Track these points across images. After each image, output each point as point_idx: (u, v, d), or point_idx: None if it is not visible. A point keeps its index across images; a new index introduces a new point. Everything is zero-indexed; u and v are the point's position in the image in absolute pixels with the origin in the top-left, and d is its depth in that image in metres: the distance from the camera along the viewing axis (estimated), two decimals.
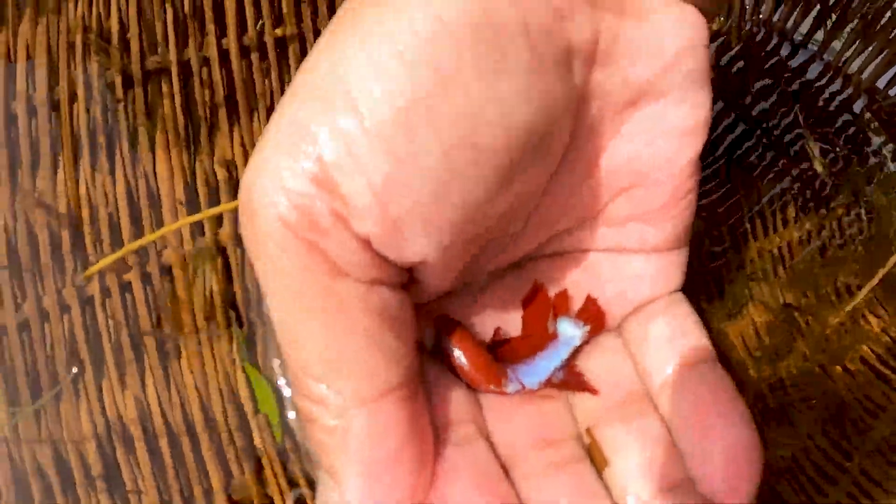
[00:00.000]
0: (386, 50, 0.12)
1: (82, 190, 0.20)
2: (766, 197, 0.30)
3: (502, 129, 0.13)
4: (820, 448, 0.25)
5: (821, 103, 0.31)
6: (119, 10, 0.23)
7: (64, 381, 0.20)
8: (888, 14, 0.29)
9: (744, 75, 0.31)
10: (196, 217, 0.21)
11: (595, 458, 0.15)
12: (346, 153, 0.12)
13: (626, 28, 0.14)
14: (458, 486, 0.14)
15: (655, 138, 0.16)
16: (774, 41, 0.30)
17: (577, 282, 0.17)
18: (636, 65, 0.15)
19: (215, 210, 0.21)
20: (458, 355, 0.16)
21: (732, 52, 0.31)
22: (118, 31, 0.22)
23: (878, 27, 0.29)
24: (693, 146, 0.16)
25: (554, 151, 0.15)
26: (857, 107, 0.31)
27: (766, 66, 0.30)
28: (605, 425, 0.15)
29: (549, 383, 0.16)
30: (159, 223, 0.21)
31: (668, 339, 0.16)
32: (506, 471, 0.15)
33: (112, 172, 0.21)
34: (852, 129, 0.31)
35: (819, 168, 0.28)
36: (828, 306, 0.29)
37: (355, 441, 0.13)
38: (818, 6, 0.29)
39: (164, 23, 0.22)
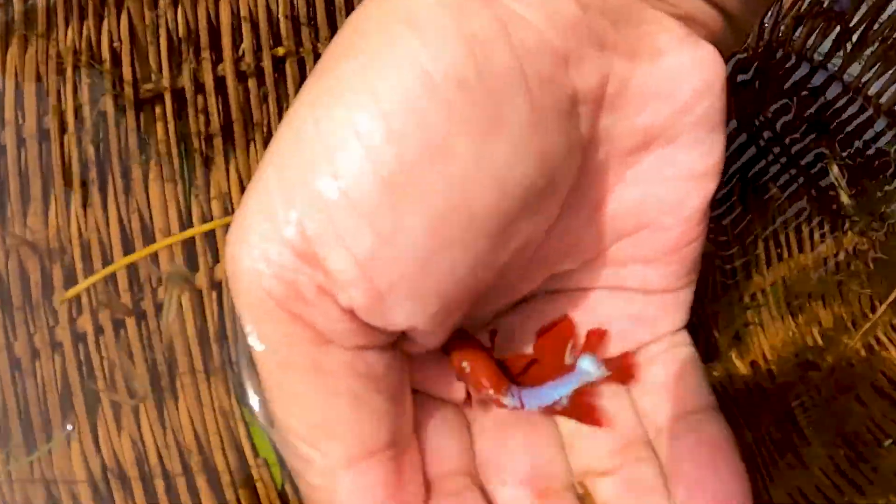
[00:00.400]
0: (369, 113, 0.11)
1: (73, 227, 0.20)
2: (780, 219, 0.29)
3: (496, 193, 0.12)
4: (833, 483, 0.25)
5: (839, 124, 0.30)
6: (110, 34, 0.22)
7: (55, 421, 0.20)
8: None
9: (760, 94, 0.30)
10: (179, 237, 0.21)
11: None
12: (328, 224, 0.11)
13: (636, 71, 0.14)
14: None
15: (664, 183, 0.15)
16: (792, 61, 0.29)
17: (575, 320, 0.17)
18: (647, 109, 0.14)
19: (194, 231, 0.21)
20: (463, 357, 0.15)
21: (749, 71, 0.30)
22: (110, 57, 0.21)
23: None
24: (703, 191, 0.15)
25: (553, 204, 0.14)
26: (878, 126, 0.30)
27: (785, 86, 0.30)
28: (600, 475, 0.15)
29: (550, 410, 0.16)
30: (154, 259, 0.20)
31: (665, 384, 0.16)
32: None
33: (105, 207, 0.20)
34: (872, 151, 0.30)
35: (844, 199, 0.28)
36: (842, 332, 0.28)
37: (341, 499, 0.13)
38: (838, 28, 0.28)
39: (158, 47, 0.22)
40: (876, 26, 0.28)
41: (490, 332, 0.17)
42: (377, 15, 0.12)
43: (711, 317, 0.27)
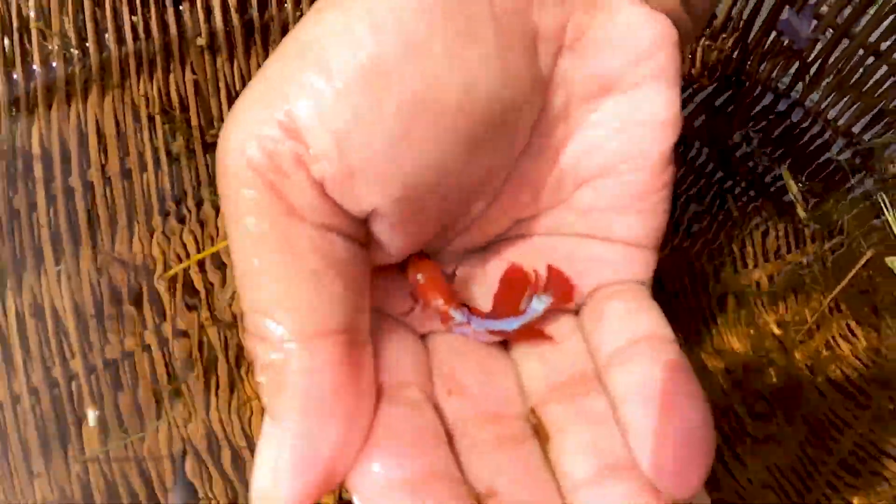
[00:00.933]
0: (360, 19, 0.13)
1: (156, 251, 0.24)
2: (748, 229, 0.33)
3: (464, 94, 0.14)
4: (798, 457, 0.29)
5: (801, 146, 0.34)
6: (177, 84, 0.26)
7: (149, 408, 0.24)
8: (861, 70, 0.32)
9: (731, 121, 0.34)
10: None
11: (540, 437, 0.15)
12: (313, 106, 0.13)
13: (594, 21, 0.15)
14: (395, 444, 0.14)
15: (623, 131, 0.16)
16: (759, 90, 0.34)
17: (539, 262, 0.17)
18: (604, 56, 0.15)
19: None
20: (418, 270, 0.16)
21: (720, 100, 0.34)
22: (178, 105, 0.26)
23: (853, 81, 0.32)
24: (663, 141, 0.16)
25: (518, 131, 0.15)
26: (837, 146, 0.34)
27: (752, 112, 0.34)
28: (551, 404, 0.15)
29: (498, 333, 0.16)
30: (226, 281, 0.25)
31: (622, 317, 0.16)
32: (451, 439, 0.15)
33: (181, 235, 0.24)
34: (831, 168, 0.34)
35: (801, 213, 0.32)
36: (803, 329, 0.33)
37: (293, 376, 0.13)
38: (798, 62, 0.32)
39: (218, 98, 0.26)
40: (831, 59, 0.32)
41: (451, 272, 0.17)
42: None
43: (686, 312, 0.31)
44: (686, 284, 0.32)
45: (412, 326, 0.17)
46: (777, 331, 0.32)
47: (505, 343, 0.17)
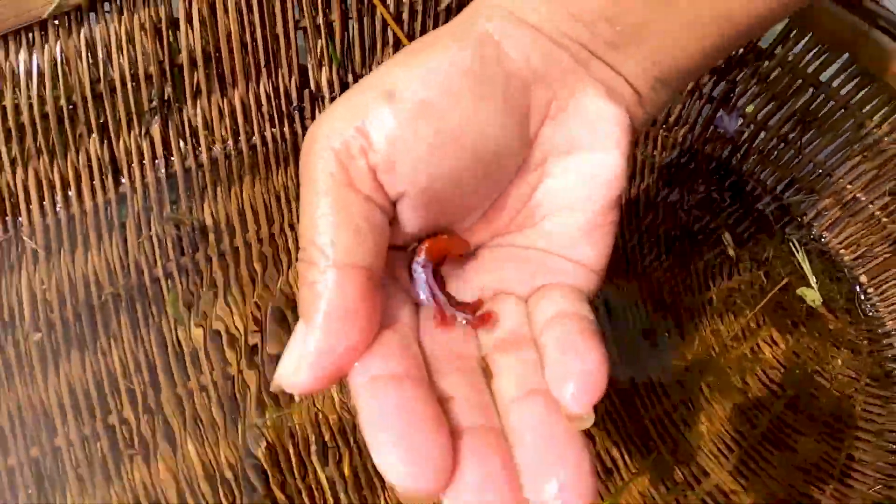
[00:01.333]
0: (418, 75, 0.17)
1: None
2: (699, 265, 0.42)
3: (477, 137, 0.18)
4: (727, 432, 0.37)
5: (739, 200, 0.44)
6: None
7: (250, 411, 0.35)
8: (776, 151, 0.42)
9: (691, 174, 0.44)
10: None
11: (487, 374, 0.18)
12: (378, 121, 0.17)
13: (570, 104, 0.19)
14: (387, 350, 0.17)
15: (583, 181, 0.20)
16: (704, 162, 0.44)
17: (505, 265, 0.21)
18: (575, 128, 0.19)
19: None
20: (427, 239, 0.20)
21: (675, 170, 0.44)
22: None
23: (772, 157, 0.43)
24: (611, 191, 0.20)
25: (508, 171, 0.20)
26: (764, 202, 0.44)
27: (699, 179, 0.44)
28: (496, 354, 0.19)
29: (454, 303, 0.20)
30: None
31: (557, 301, 0.19)
32: (427, 366, 0.18)
33: None
34: (760, 217, 0.44)
35: (731, 253, 0.42)
36: (735, 340, 0.40)
37: (327, 291, 0.16)
38: (731, 145, 0.42)
39: None
40: (755, 143, 0.42)
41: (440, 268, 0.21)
42: (441, 30, 0.19)
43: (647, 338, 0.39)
44: (647, 301, 0.41)
45: (410, 295, 0.20)
46: (713, 339, 0.40)
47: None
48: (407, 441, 0.15)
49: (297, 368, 0.16)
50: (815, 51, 0.38)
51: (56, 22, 0.31)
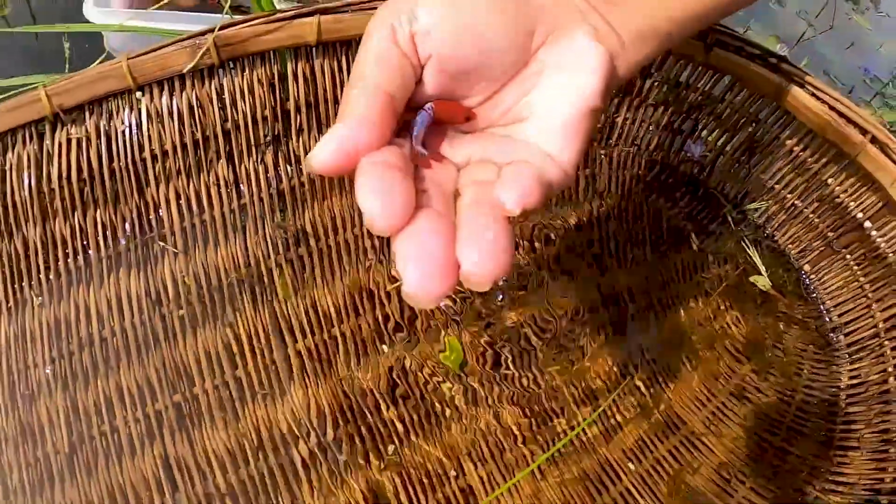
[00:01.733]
0: None
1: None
2: (675, 262, 0.51)
3: (491, 35, 0.23)
4: (700, 390, 0.44)
5: (707, 208, 0.54)
6: None
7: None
8: (733, 168, 0.53)
9: (662, 195, 0.54)
10: None
11: (455, 196, 0.22)
12: (427, 5, 0.22)
13: (562, 35, 0.24)
14: (389, 153, 0.21)
15: (567, 91, 0.23)
16: (680, 178, 0.55)
17: (494, 144, 0.24)
18: (565, 53, 0.23)
19: None
20: (438, 102, 0.24)
21: (658, 185, 0.54)
22: None
23: (731, 172, 0.53)
24: (588, 101, 0.23)
25: (505, 68, 0.24)
26: (728, 209, 0.54)
27: (677, 191, 0.54)
28: (466, 187, 0.22)
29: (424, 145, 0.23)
30: None
31: (520, 161, 0.22)
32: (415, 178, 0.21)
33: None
34: (724, 221, 0.54)
35: (698, 248, 0.52)
36: (706, 319, 0.48)
37: (360, 99, 0.21)
38: (698, 165, 0.54)
39: None
40: (717, 164, 0.54)
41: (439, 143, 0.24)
42: None
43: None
44: (636, 288, 0.50)
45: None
46: (690, 318, 0.48)
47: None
48: (382, 191, 0.19)
49: (321, 149, 0.20)
50: (751, 98, 0.48)
51: (192, 76, 0.42)
